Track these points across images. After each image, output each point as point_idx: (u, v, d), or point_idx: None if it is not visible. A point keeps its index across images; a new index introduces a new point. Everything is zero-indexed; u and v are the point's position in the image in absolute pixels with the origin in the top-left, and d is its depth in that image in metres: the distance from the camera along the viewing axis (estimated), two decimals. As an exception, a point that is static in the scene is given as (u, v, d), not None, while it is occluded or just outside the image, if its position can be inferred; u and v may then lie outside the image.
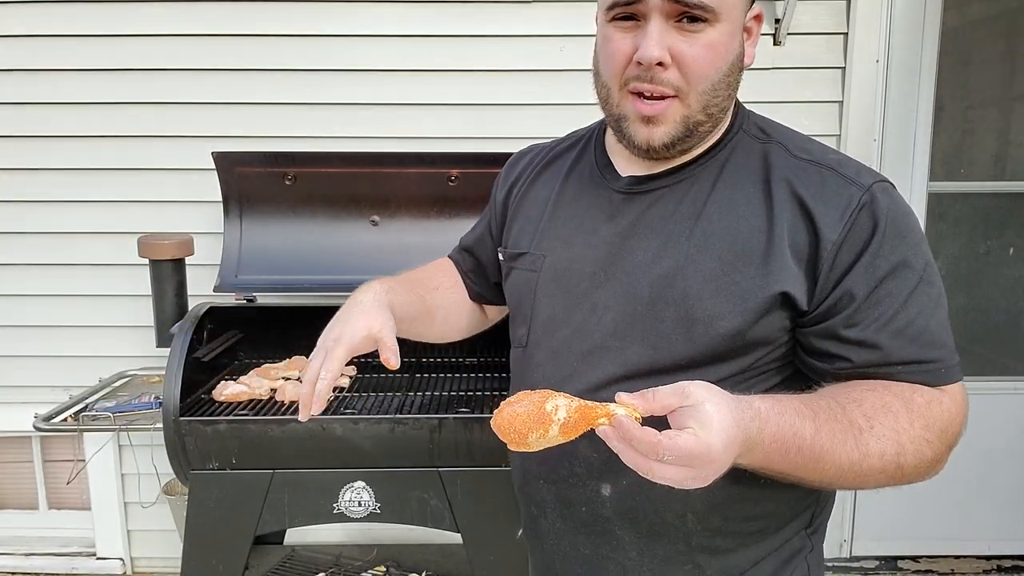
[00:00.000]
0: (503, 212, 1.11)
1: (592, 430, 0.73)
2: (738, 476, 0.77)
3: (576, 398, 0.75)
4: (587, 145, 1.04)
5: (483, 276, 1.19)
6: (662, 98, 0.84)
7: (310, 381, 0.90)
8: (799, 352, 0.88)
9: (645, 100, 0.85)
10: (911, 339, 0.82)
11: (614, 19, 0.85)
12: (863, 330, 0.82)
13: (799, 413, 0.75)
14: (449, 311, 1.17)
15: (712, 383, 0.72)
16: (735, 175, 0.89)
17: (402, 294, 1.04)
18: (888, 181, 0.87)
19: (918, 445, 0.79)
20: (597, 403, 0.74)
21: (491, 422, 0.77)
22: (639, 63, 0.82)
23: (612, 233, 0.93)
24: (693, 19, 0.81)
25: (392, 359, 0.92)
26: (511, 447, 0.77)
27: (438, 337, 1.17)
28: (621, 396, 0.72)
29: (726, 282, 0.84)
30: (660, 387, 0.71)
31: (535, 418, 0.74)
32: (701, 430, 0.67)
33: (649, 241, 0.90)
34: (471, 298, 1.21)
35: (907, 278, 0.82)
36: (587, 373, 0.91)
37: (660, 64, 0.82)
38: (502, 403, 0.78)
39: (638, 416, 0.71)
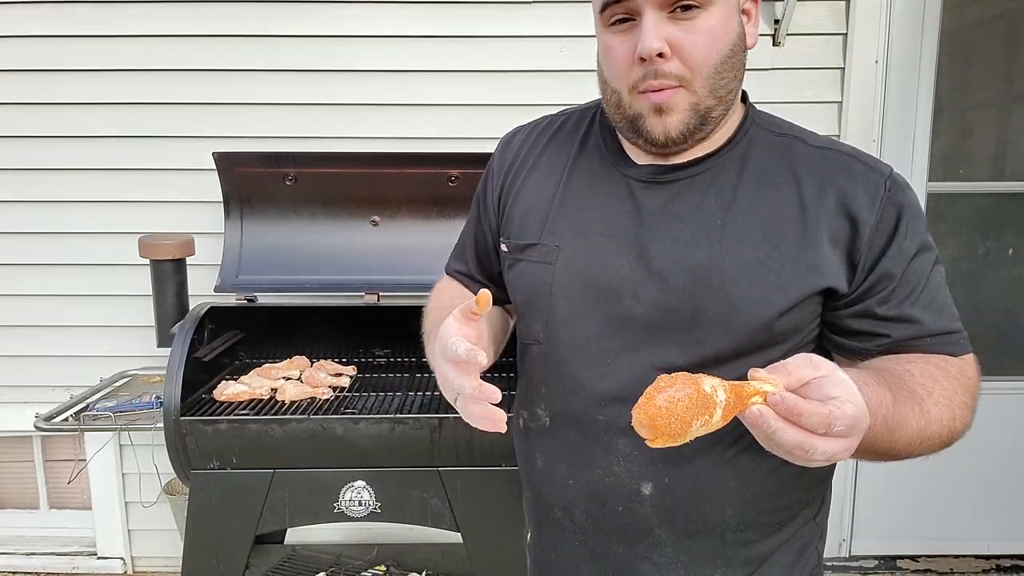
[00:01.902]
0: (498, 201, 1.04)
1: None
2: (777, 467, 0.78)
3: (718, 378, 0.66)
4: (590, 128, 1.00)
5: (485, 274, 1.13)
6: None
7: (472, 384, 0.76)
8: (828, 333, 0.90)
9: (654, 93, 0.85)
10: (937, 312, 0.87)
11: (610, 24, 0.85)
12: (898, 306, 0.86)
13: (879, 384, 0.76)
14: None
15: None
16: (759, 165, 0.89)
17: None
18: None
19: (963, 409, 0.83)
20: (743, 382, 0.66)
21: (638, 415, 0.65)
22: (641, 59, 0.82)
23: (634, 222, 0.91)
24: (686, 7, 0.82)
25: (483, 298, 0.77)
26: (660, 442, 0.65)
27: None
28: (757, 372, 0.68)
29: (764, 271, 0.85)
30: (789, 360, 0.68)
31: (699, 403, 0.64)
32: (853, 397, 0.66)
33: (678, 232, 0.88)
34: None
35: (927, 258, 0.87)
36: (622, 368, 0.89)
37: (661, 56, 0.82)
38: (648, 390, 0.65)
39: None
